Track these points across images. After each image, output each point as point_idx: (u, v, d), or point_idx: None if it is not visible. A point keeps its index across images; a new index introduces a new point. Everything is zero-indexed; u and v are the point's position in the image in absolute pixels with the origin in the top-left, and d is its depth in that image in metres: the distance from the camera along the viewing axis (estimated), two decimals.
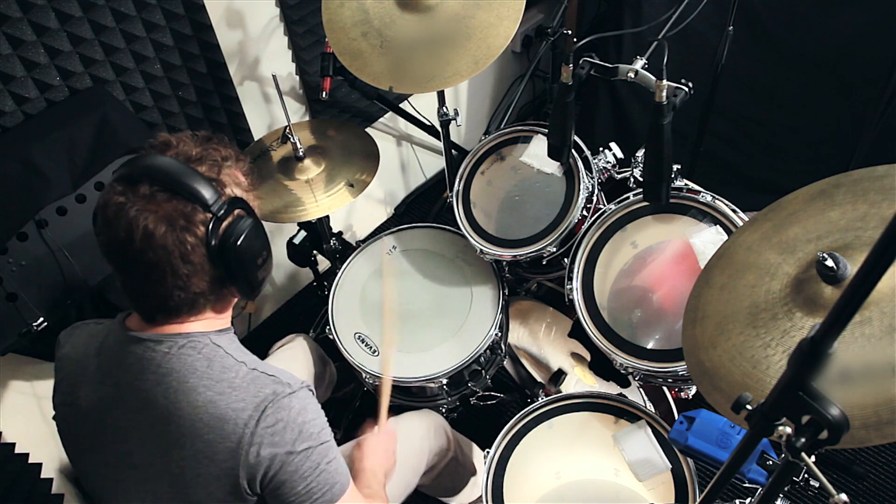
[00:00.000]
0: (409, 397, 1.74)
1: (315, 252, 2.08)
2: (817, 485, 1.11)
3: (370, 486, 1.24)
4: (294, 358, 1.70)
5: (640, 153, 1.61)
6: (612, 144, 1.70)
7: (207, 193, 0.94)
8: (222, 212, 0.95)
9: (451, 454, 1.63)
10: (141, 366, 1.00)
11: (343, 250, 2.04)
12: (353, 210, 2.62)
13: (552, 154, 1.56)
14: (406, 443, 1.51)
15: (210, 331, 1.03)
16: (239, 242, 0.97)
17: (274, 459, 0.97)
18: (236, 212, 0.98)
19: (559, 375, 1.87)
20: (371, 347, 1.69)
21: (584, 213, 1.61)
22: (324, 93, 1.88)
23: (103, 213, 0.94)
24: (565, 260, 1.60)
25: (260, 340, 2.40)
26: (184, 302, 0.99)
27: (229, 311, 1.09)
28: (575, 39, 2.27)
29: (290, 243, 2.04)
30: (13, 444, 1.59)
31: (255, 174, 1.10)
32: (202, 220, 0.94)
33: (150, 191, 0.92)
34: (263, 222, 1.06)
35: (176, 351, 0.99)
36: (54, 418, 1.13)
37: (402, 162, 2.75)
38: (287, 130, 1.71)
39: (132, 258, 0.94)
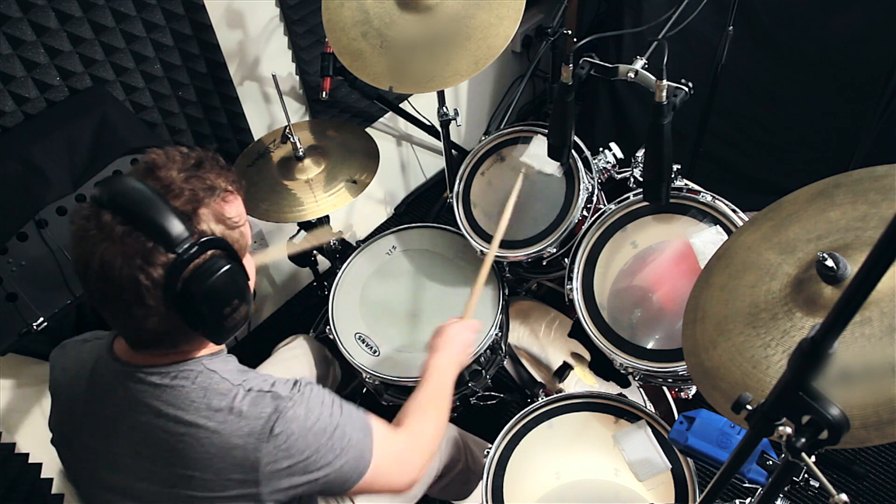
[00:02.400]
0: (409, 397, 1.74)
1: (315, 252, 2.08)
2: (817, 485, 1.11)
3: (420, 406, 1.23)
4: (294, 358, 1.70)
5: (640, 153, 1.61)
6: (612, 144, 1.70)
7: (175, 231, 0.85)
8: (189, 253, 0.86)
9: (462, 465, 1.62)
10: (135, 399, 0.96)
11: (343, 250, 2.04)
12: (353, 210, 2.62)
13: (552, 154, 1.56)
14: None
15: (202, 356, 0.99)
16: (203, 288, 0.87)
17: (297, 465, 0.96)
18: (209, 253, 0.88)
19: (564, 369, 1.86)
20: (371, 347, 1.69)
21: (584, 213, 1.61)
22: (324, 93, 1.88)
23: (71, 230, 0.88)
24: (565, 260, 1.60)
25: (260, 340, 2.40)
26: (147, 339, 0.93)
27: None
28: (575, 39, 2.28)
29: (290, 243, 2.04)
30: (13, 444, 1.59)
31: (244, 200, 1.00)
32: (163, 262, 0.85)
33: (112, 221, 0.85)
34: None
35: (169, 382, 0.95)
36: (52, 442, 1.11)
37: (402, 162, 2.75)
38: (287, 130, 1.71)
39: (91, 285, 0.88)
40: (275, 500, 0.98)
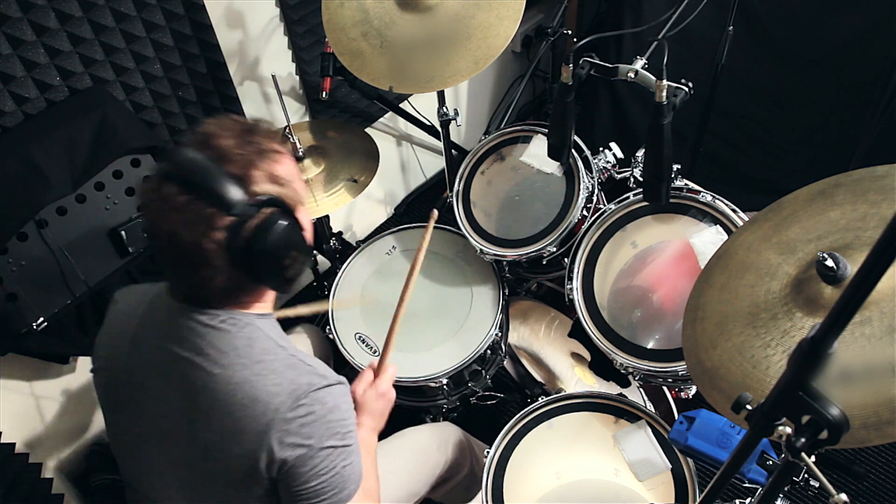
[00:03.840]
0: (409, 397, 1.74)
1: (315, 252, 2.08)
2: (817, 485, 1.11)
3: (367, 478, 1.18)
4: (300, 342, 1.70)
5: (640, 153, 1.61)
6: (612, 144, 1.70)
7: (231, 195, 0.92)
8: (247, 214, 0.93)
9: (467, 470, 1.59)
10: (182, 335, 1.00)
11: (343, 250, 2.04)
12: (353, 210, 2.62)
13: (552, 154, 1.56)
14: (417, 455, 1.49)
15: (252, 312, 1.04)
16: (264, 244, 0.94)
17: (296, 450, 0.97)
18: (265, 211, 0.95)
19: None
20: (371, 347, 1.69)
21: (584, 213, 1.61)
22: (324, 93, 1.88)
23: (139, 203, 1.00)
24: (565, 260, 1.60)
25: None
26: (213, 295, 0.99)
27: (270, 299, 1.08)
28: (575, 39, 2.28)
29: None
30: (13, 444, 1.59)
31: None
32: (224, 225, 0.92)
33: (173, 192, 0.91)
34: None
35: (217, 325, 0.99)
36: (92, 371, 1.14)
37: (402, 162, 2.75)
38: (287, 130, 1.71)
39: (162, 252, 0.96)
40: (266, 472, 0.97)
